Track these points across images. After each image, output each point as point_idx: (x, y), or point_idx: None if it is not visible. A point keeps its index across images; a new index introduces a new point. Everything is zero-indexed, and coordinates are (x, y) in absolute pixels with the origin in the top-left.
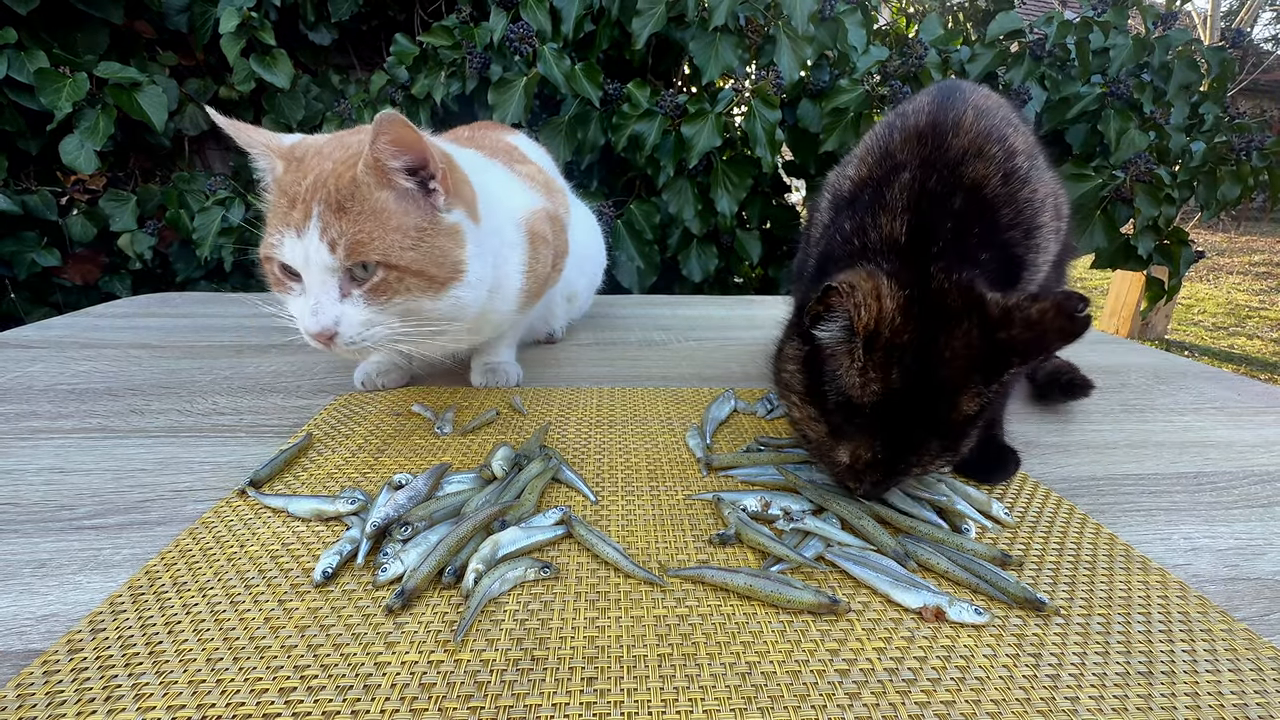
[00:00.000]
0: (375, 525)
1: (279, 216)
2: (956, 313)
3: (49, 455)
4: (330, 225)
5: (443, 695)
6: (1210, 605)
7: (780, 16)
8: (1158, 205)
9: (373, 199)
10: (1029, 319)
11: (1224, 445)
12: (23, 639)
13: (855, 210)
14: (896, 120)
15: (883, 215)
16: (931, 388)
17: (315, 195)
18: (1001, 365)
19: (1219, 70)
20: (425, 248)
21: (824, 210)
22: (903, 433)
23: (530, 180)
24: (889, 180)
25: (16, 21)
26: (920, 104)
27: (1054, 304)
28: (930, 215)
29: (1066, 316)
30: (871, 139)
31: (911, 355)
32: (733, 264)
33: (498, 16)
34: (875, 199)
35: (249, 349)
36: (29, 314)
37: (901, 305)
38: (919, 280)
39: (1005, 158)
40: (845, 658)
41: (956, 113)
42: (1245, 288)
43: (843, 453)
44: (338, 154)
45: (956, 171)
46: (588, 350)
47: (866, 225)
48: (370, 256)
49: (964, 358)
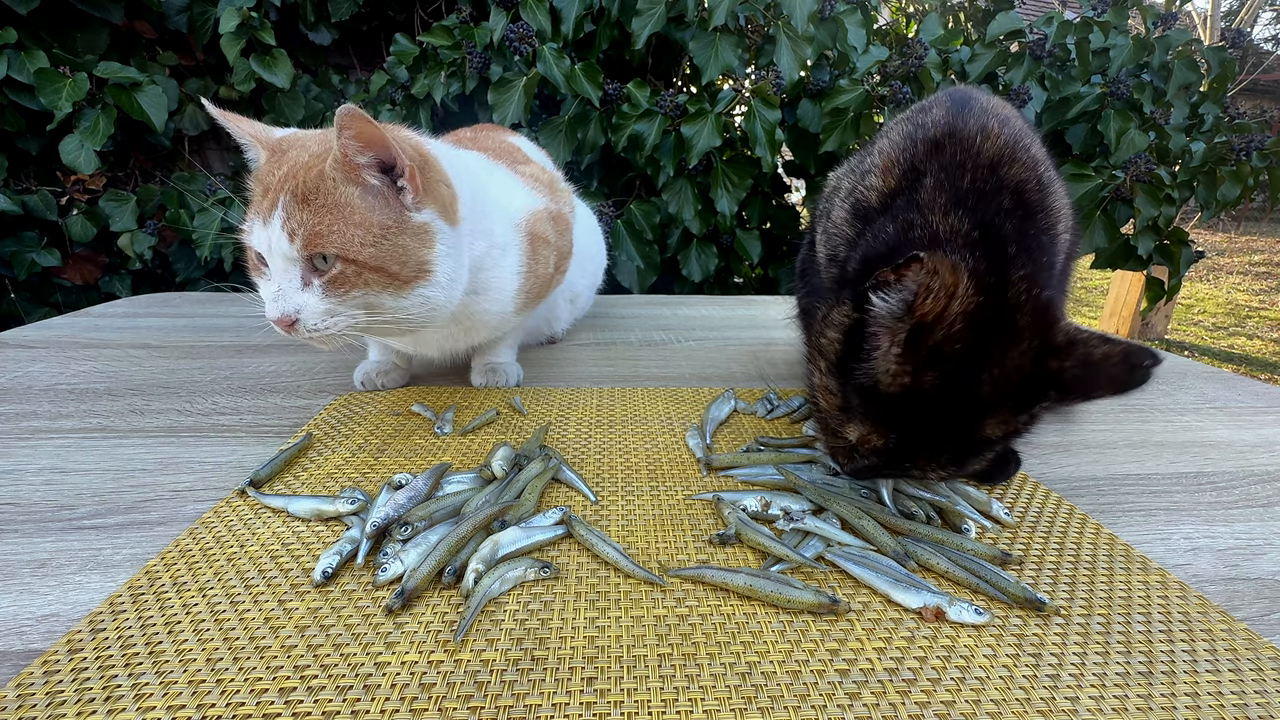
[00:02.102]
0: (375, 525)
1: (253, 204)
2: (1021, 332)
3: (49, 455)
4: (292, 215)
5: (443, 695)
6: (1210, 605)
7: (780, 16)
8: (1158, 205)
9: (337, 193)
10: (1089, 358)
11: (1224, 445)
12: (23, 639)
13: (893, 215)
14: (917, 132)
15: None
16: (963, 402)
17: (284, 186)
18: (1037, 396)
19: (1219, 70)
20: (387, 245)
21: (843, 222)
22: (917, 436)
23: (534, 180)
24: (917, 185)
25: (16, 21)
26: (938, 116)
27: (1122, 352)
28: (987, 212)
29: (1129, 368)
30: (893, 149)
31: (955, 366)
32: (733, 264)
33: (498, 16)
34: (911, 202)
35: (249, 349)
36: (29, 314)
37: (968, 312)
38: (998, 287)
39: (1033, 164)
40: (845, 658)
41: (979, 120)
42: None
43: (851, 432)
44: (315, 147)
45: (996, 173)
46: (588, 350)
47: (915, 222)
48: (327, 249)
49: (1007, 381)
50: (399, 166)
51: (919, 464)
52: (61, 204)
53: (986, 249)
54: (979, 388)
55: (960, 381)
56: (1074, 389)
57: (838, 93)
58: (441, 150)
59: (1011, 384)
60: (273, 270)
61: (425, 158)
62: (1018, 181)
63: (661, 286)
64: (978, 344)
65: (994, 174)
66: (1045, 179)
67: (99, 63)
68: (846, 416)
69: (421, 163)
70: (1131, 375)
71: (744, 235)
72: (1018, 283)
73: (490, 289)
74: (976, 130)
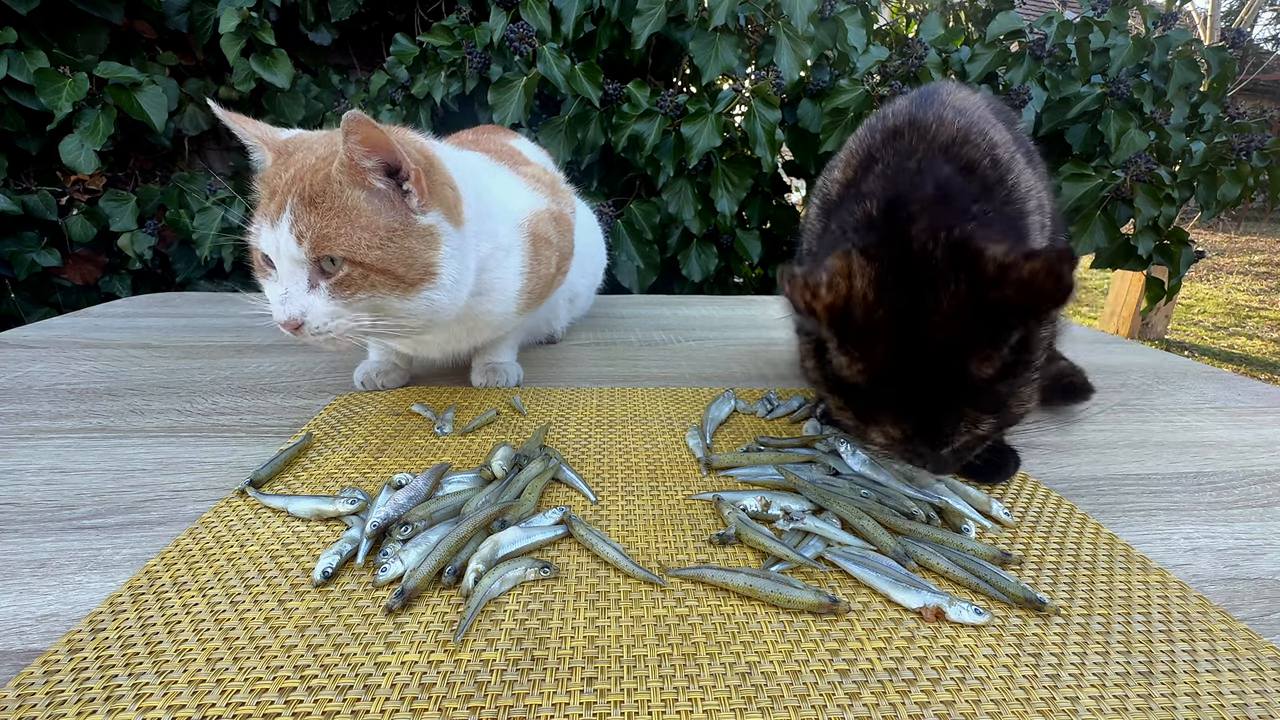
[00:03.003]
0: (375, 525)
1: (261, 207)
2: (943, 273)
3: (49, 455)
4: (300, 218)
5: (443, 695)
6: (1210, 605)
7: (780, 16)
8: (1158, 205)
9: (343, 196)
10: (1021, 279)
11: (1224, 445)
12: (23, 639)
13: (842, 208)
14: (878, 123)
15: (863, 202)
16: (930, 356)
17: (292, 189)
18: (1000, 325)
19: (1219, 70)
20: (394, 248)
21: (814, 218)
22: (925, 405)
23: (535, 181)
24: (867, 173)
25: (16, 21)
26: (900, 106)
27: (1043, 264)
28: (909, 186)
29: (1054, 278)
30: (854, 142)
31: (894, 328)
32: (733, 264)
33: (498, 16)
34: (856, 192)
35: (249, 349)
36: (29, 314)
37: (873, 279)
38: (896, 248)
39: (989, 147)
40: (845, 658)
41: (936, 111)
42: (1245, 288)
43: (876, 434)
44: (321, 150)
45: (948, 152)
46: (588, 350)
47: (845, 215)
48: (335, 251)
49: (956, 319)
50: (404, 170)
51: (954, 427)
52: (61, 204)
53: (884, 222)
54: (935, 336)
55: (910, 340)
56: (1024, 311)
57: (838, 93)
58: (445, 152)
59: (965, 320)
60: (280, 272)
61: (430, 160)
62: (969, 160)
63: (661, 286)
64: (901, 302)
65: (945, 154)
66: (1002, 159)
67: (99, 63)
68: (866, 423)
69: (426, 165)
70: (1059, 285)
71: (744, 235)
72: (919, 235)
73: (494, 290)
74: (934, 119)
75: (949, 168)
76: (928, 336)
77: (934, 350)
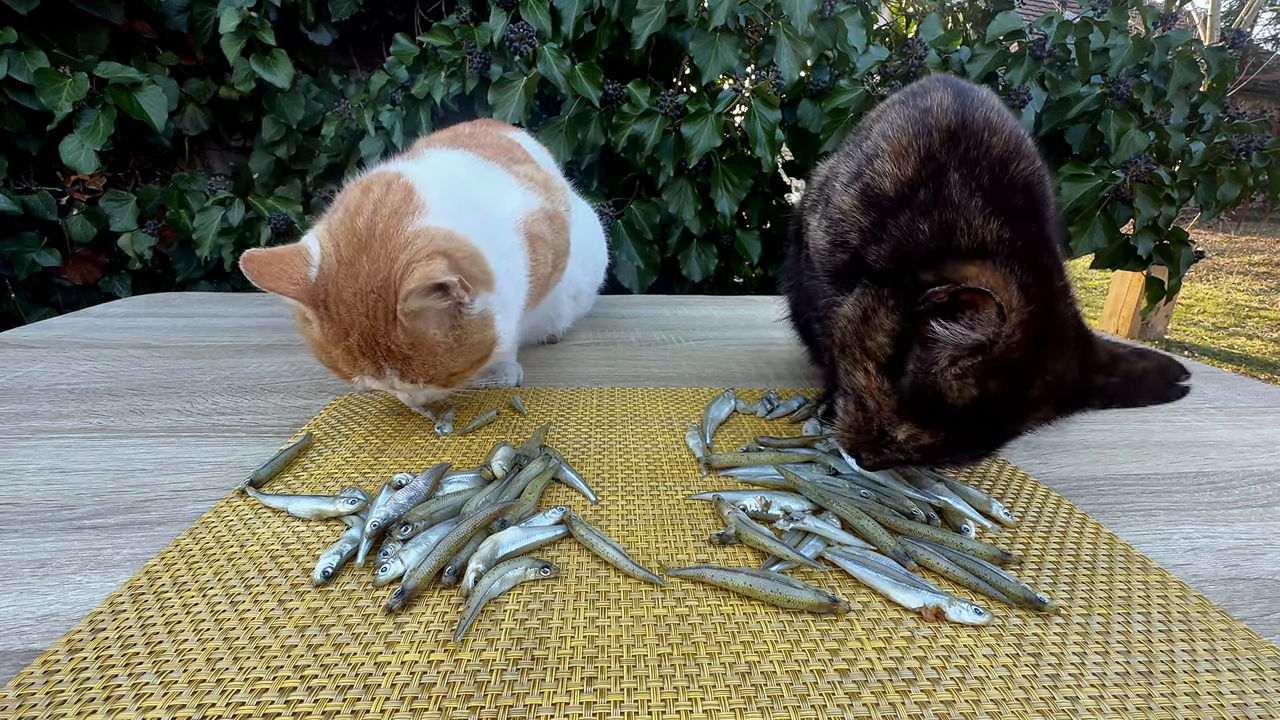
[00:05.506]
0: (375, 525)
1: (344, 361)
2: (1068, 343)
3: (49, 455)
4: (404, 371)
5: (443, 695)
6: (1210, 605)
7: (780, 16)
8: (1158, 205)
9: (419, 338)
10: (1131, 372)
11: (1224, 445)
12: (23, 639)
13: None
14: (926, 118)
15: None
16: (1017, 404)
17: (374, 352)
18: (1083, 404)
19: (1219, 70)
20: (468, 345)
21: (852, 209)
22: (967, 433)
23: (529, 180)
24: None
25: (16, 21)
26: (945, 103)
27: (1159, 366)
28: (1012, 214)
29: (1167, 383)
30: (897, 132)
31: (1013, 374)
32: (733, 264)
33: (498, 16)
34: (942, 199)
35: (249, 349)
36: (29, 314)
37: (1024, 323)
38: (1045, 297)
39: (1033, 157)
40: (845, 658)
41: (983, 113)
42: (1245, 288)
43: (901, 431)
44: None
45: (1007, 169)
46: (588, 350)
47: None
48: (436, 377)
49: (1054, 387)
50: (453, 294)
51: (955, 457)
52: (61, 204)
53: (1028, 258)
54: (1031, 391)
55: (1019, 387)
56: (1117, 399)
57: (838, 93)
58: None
59: (1060, 391)
60: (397, 390)
61: (458, 246)
62: (1025, 177)
63: (661, 286)
64: (1034, 351)
65: (1004, 170)
66: (1043, 172)
67: (99, 63)
68: (899, 417)
69: (465, 257)
70: (1170, 391)
71: (744, 235)
72: (1060, 293)
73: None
74: (983, 123)
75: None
76: (1028, 390)
77: (1024, 400)
